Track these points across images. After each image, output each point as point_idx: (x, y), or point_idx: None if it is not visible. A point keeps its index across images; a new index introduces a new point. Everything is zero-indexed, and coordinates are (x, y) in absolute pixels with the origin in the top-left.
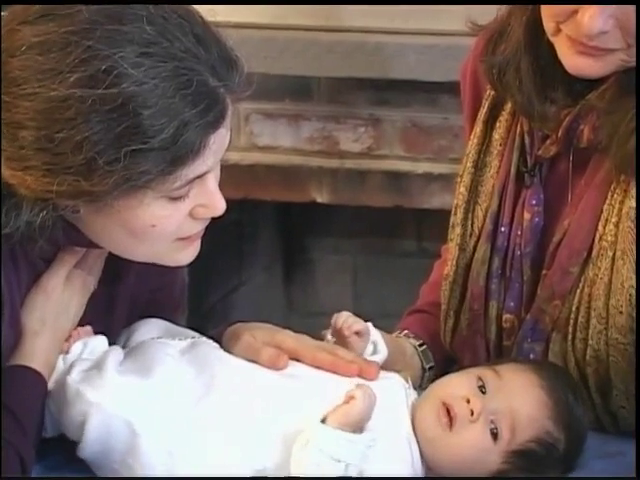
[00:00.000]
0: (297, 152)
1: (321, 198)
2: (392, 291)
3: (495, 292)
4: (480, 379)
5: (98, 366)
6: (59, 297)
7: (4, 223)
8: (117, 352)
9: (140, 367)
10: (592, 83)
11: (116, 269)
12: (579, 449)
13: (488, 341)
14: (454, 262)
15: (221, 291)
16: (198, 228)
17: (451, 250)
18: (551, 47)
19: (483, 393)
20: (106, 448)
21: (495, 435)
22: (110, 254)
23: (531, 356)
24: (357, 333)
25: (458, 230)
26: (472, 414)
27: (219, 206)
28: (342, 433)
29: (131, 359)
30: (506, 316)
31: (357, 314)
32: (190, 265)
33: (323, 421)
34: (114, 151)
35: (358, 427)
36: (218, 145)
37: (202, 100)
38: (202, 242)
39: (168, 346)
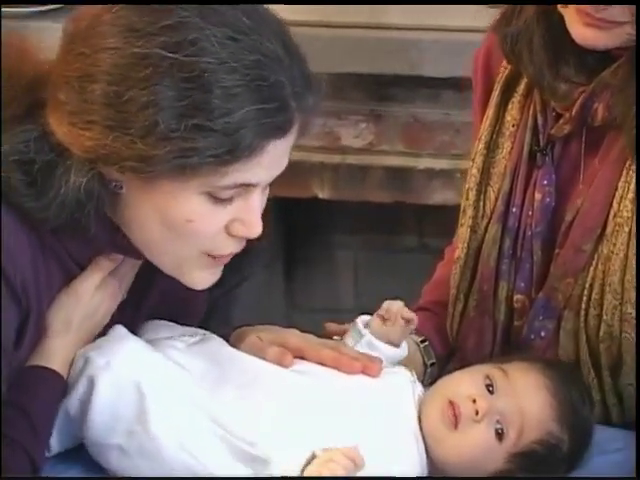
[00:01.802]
0: (298, 148)
1: (322, 194)
2: (393, 287)
3: (505, 273)
4: (488, 378)
5: (105, 337)
6: (89, 302)
7: (55, 188)
8: (122, 326)
9: None
10: (604, 58)
11: (146, 280)
12: (584, 448)
13: (496, 322)
14: (465, 244)
15: (223, 287)
16: (229, 249)
17: (462, 234)
18: (563, 21)
19: (491, 393)
20: (114, 415)
21: (500, 435)
22: (141, 267)
23: (542, 334)
24: (408, 321)
25: (470, 212)
26: (477, 414)
27: (255, 226)
28: None
29: None
30: (517, 296)
31: (358, 310)
32: None
33: None
34: (177, 120)
35: None
36: (274, 158)
37: (274, 100)
38: None
39: (177, 341)
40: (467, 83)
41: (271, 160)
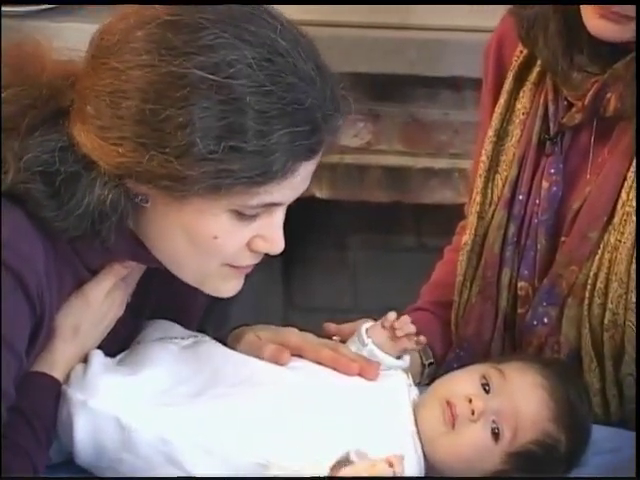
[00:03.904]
0: None
1: (320, 193)
2: (391, 286)
3: (509, 260)
4: (484, 378)
5: (82, 368)
6: (98, 308)
7: (77, 200)
8: (100, 354)
9: (135, 363)
10: (618, 49)
11: (145, 283)
12: (582, 448)
13: (498, 309)
14: (472, 230)
15: None
16: (249, 261)
17: (470, 220)
18: (579, 10)
19: (486, 392)
20: (99, 448)
21: (496, 435)
22: (140, 280)
23: (545, 320)
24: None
25: (478, 199)
26: (473, 414)
27: (278, 243)
28: None
29: (129, 357)
30: (521, 284)
31: (357, 310)
32: None
33: None
34: (214, 141)
35: None
36: (302, 179)
37: (307, 123)
38: None
39: (170, 343)
40: (465, 83)
41: (300, 181)
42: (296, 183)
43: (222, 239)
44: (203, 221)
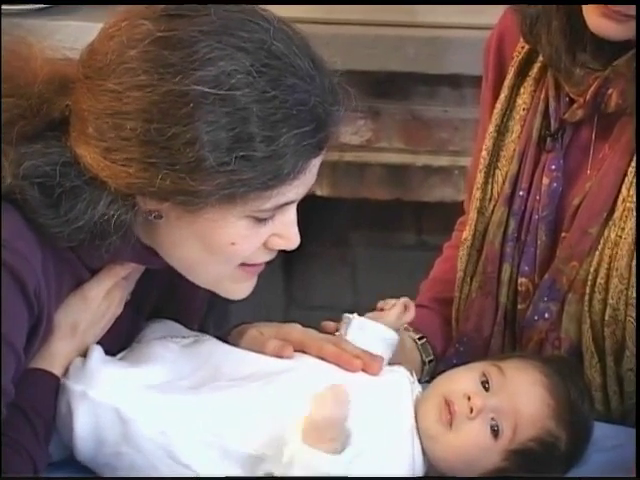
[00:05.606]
0: None
1: (321, 191)
2: (392, 284)
3: (509, 255)
4: (484, 375)
5: (81, 361)
6: (97, 308)
7: (77, 214)
8: (99, 348)
9: (135, 359)
10: (620, 46)
11: (145, 281)
12: (583, 446)
13: (498, 304)
14: (472, 226)
15: None
16: (265, 258)
17: (470, 216)
18: (582, 8)
19: (486, 390)
20: (98, 440)
21: (496, 433)
22: (140, 278)
23: (546, 315)
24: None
25: (478, 195)
26: (471, 411)
27: (294, 239)
28: (323, 455)
29: (130, 355)
30: (521, 280)
31: (357, 307)
32: None
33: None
34: (225, 153)
35: (339, 436)
36: (312, 174)
37: (313, 120)
38: None
39: (170, 342)
40: (465, 80)
41: (310, 176)
42: (307, 179)
43: (240, 245)
44: (219, 230)
